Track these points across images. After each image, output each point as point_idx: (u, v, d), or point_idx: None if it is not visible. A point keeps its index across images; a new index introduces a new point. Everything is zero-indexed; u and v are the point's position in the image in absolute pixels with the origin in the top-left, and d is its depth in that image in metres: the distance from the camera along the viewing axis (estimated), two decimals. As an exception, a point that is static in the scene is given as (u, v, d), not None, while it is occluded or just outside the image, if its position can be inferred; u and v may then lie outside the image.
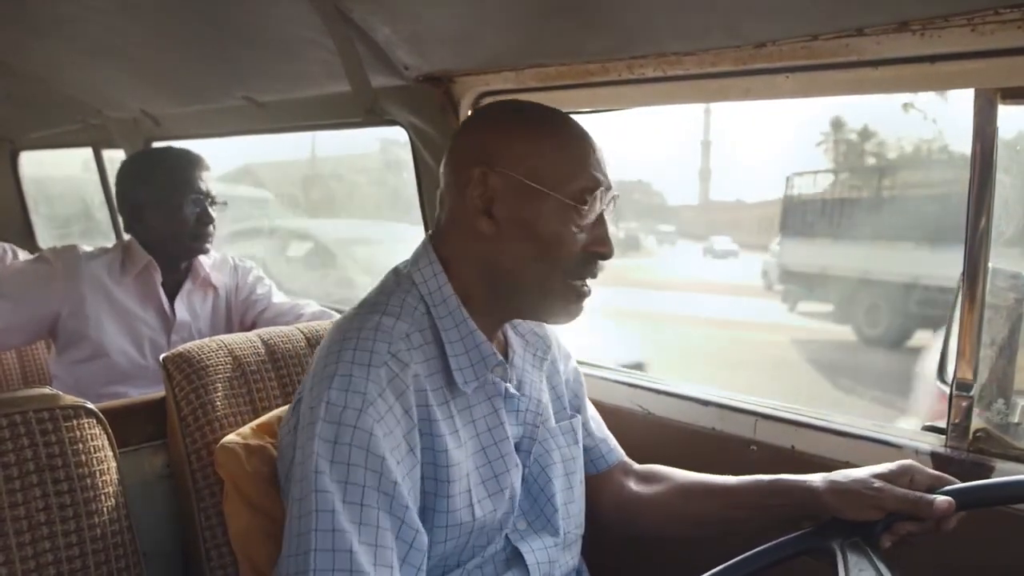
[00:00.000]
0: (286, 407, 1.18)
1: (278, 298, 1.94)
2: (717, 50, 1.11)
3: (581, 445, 1.12)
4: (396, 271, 1.01)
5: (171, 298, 1.81)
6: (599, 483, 1.17)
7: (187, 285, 1.83)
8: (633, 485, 1.18)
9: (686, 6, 1.04)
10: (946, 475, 0.90)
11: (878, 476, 0.90)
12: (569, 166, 0.94)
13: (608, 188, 0.96)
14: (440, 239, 0.99)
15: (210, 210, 1.77)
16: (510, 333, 1.08)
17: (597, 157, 0.97)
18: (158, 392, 1.21)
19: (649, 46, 1.17)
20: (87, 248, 1.80)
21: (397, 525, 0.82)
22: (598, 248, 0.96)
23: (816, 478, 0.95)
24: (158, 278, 1.78)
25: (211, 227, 1.79)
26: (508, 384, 1.01)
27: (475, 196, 0.93)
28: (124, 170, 1.83)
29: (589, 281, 0.98)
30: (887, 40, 0.97)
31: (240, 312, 1.91)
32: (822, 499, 0.91)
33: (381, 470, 0.81)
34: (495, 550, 0.97)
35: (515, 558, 0.99)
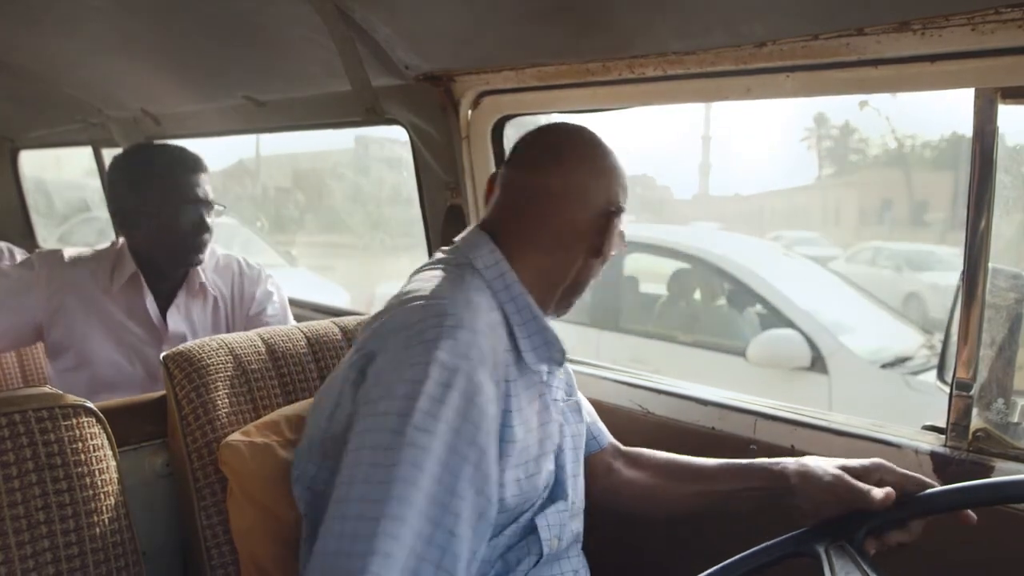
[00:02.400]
0: (291, 406, 1.19)
1: (276, 302, 1.80)
2: (717, 49, 1.11)
3: (585, 424, 1.17)
4: (450, 256, 1.04)
5: (164, 307, 1.67)
6: (591, 464, 1.20)
7: (181, 295, 1.68)
8: (622, 467, 1.22)
9: (686, 6, 1.04)
10: (918, 476, 0.92)
11: (844, 468, 0.96)
12: (618, 189, 1.07)
13: None
14: (507, 234, 1.04)
15: (207, 219, 1.61)
16: None
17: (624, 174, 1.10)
18: (158, 392, 1.21)
19: (649, 45, 1.17)
20: (75, 252, 1.66)
21: (475, 495, 0.83)
22: (610, 256, 1.09)
23: (790, 461, 1.02)
24: (145, 290, 1.64)
25: (207, 236, 1.63)
26: (559, 370, 1.08)
27: (611, 228, 1.04)
28: (115, 171, 1.64)
29: None
30: (887, 39, 0.97)
31: (241, 318, 1.77)
32: (789, 481, 0.99)
33: (475, 439, 0.83)
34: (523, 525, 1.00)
35: (530, 529, 1.01)
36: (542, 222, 1.03)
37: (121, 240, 1.67)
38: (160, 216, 1.57)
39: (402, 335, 0.88)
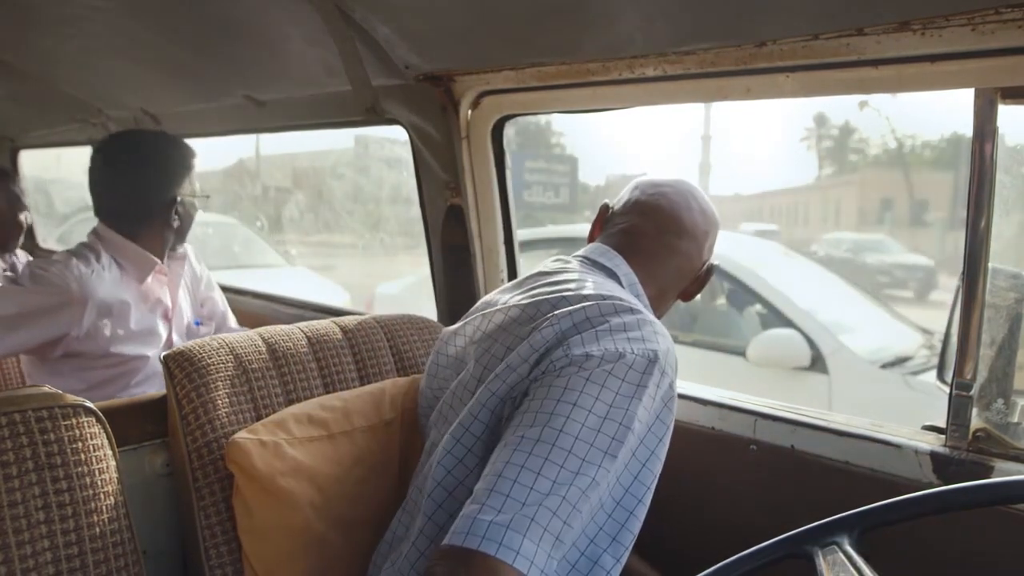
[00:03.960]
0: (298, 405, 1.19)
1: (217, 295, 1.97)
2: (717, 49, 1.11)
3: None
4: (590, 265, 1.13)
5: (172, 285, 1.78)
6: None
7: (176, 273, 1.78)
8: None
9: (687, 6, 1.04)
10: None
11: None
12: None
13: None
14: (634, 259, 1.14)
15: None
16: None
17: None
18: (158, 391, 1.21)
19: (649, 45, 1.17)
20: (87, 260, 1.60)
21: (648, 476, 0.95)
22: None
23: None
24: (160, 275, 1.71)
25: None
26: None
27: (697, 286, 1.21)
28: (136, 167, 1.64)
29: None
30: (888, 39, 0.97)
31: (200, 297, 1.92)
32: None
33: (661, 436, 0.94)
34: None
35: None
36: (667, 261, 1.16)
37: (97, 231, 1.66)
38: (179, 206, 1.68)
39: (616, 321, 0.96)
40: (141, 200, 1.66)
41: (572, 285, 1.05)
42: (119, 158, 1.67)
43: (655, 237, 1.16)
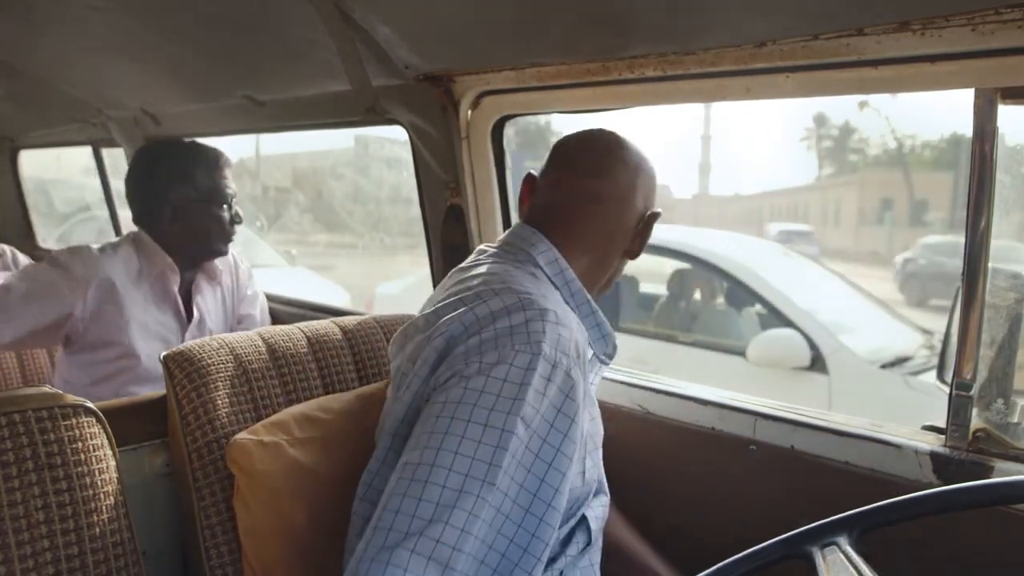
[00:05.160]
0: (299, 405, 1.19)
1: (260, 304, 1.96)
2: (717, 49, 1.11)
3: None
4: (508, 252, 1.07)
5: (186, 297, 1.77)
6: None
7: (203, 284, 1.80)
8: None
9: (686, 6, 1.04)
10: None
11: None
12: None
13: None
14: (557, 233, 1.08)
15: (236, 210, 1.77)
16: None
17: None
18: (158, 391, 1.22)
19: (649, 45, 1.17)
20: (98, 247, 1.70)
21: (560, 481, 0.86)
22: None
23: None
24: (175, 281, 1.73)
25: (235, 226, 1.78)
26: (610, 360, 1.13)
27: (640, 240, 1.12)
28: (158, 165, 1.73)
29: None
30: (887, 39, 0.97)
31: (234, 310, 1.91)
32: None
33: (566, 432, 0.86)
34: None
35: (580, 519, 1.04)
36: (592, 224, 1.09)
37: (132, 233, 1.74)
38: (210, 205, 1.70)
39: (503, 323, 0.90)
40: (141, 205, 1.74)
41: (475, 282, 1.00)
42: (130, 168, 1.80)
43: (573, 205, 1.09)
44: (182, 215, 1.70)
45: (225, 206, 1.74)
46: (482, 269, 1.03)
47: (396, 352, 1.06)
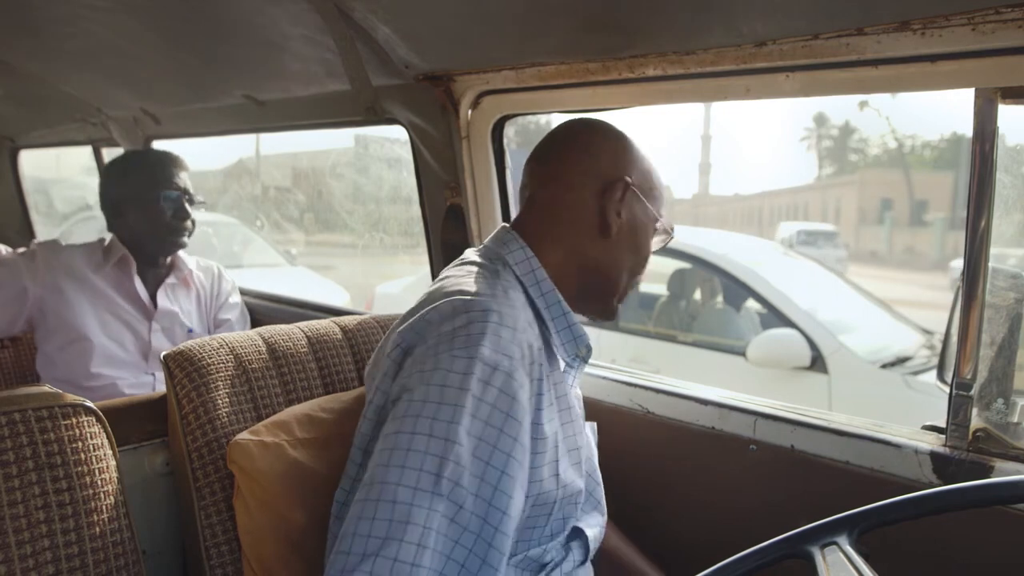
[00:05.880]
0: (300, 405, 1.19)
1: (237, 317, 2.10)
2: (717, 49, 1.11)
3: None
4: (482, 255, 1.06)
5: (153, 290, 1.93)
6: None
7: (170, 279, 1.96)
8: None
9: (686, 6, 1.04)
10: None
11: None
12: (659, 188, 1.10)
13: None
14: (529, 229, 1.07)
15: (187, 207, 1.89)
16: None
17: None
18: (155, 390, 1.21)
19: (649, 45, 1.17)
20: (70, 242, 1.92)
21: (512, 487, 0.85)
22: (647, 263, 1.11)
23: None
24: (133, 268, 1.89)
25: (188, 222, 1.90)
26: (584, 363, 1.08)
27: (615, 202, 1.04)
28: (106, 171, 1.96)
29: None
30: (888, 39, 0.97)
31: (213, 314, 2.07)
32: None
33: (517, 436, 0.85)
34: (565, 529, 1.01)
35: (576, 535, 1.03)
36: (551, 210, 1.06)
37: (110, 235, 1.94)
38: (146, 202, 1.86)
39: (446, 328, 0.89)
40: (101, 210, 1.97)
41: (435, 287, 0.99)
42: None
43: (536, 197, 1.08)
44: (126, 216, 1.89)
45: (165, 205, 1.86)
46: (450, 272, 1.02)
47: (370, 366, 1.05)
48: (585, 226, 1.05)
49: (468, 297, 0.92)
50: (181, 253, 2.01)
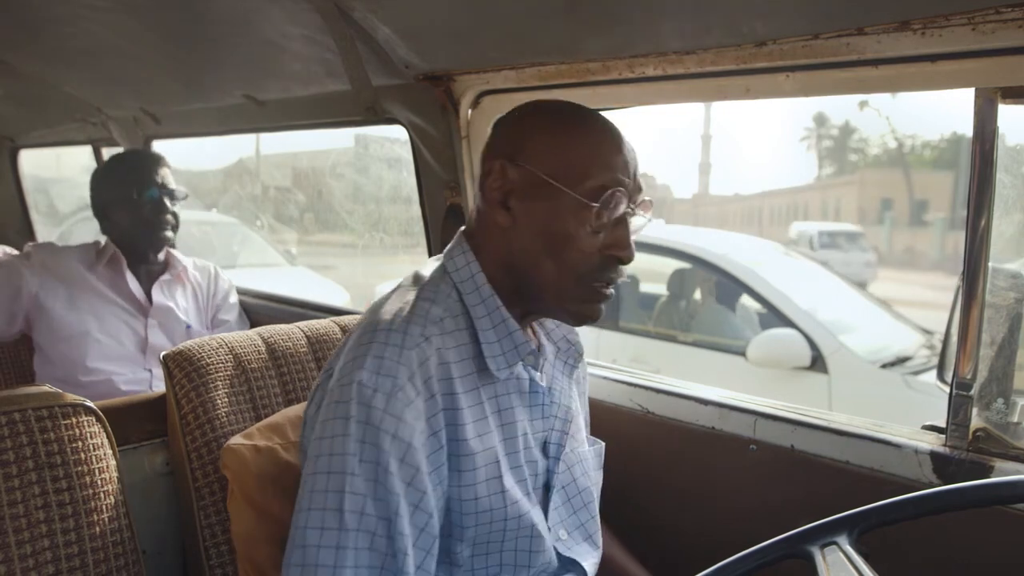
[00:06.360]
0: (294, 407, 1.19)
1: (236, 319, 2.15)
2: (717, 49, 1.11)
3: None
4: (435, 259, 1.03)
5: (149, 287, 1.98)
6: None
7: (166, 276, 2.01)
8: None
9: (686, 6, 1.04)
10: None
11: None
12: (588, 164, 0.93)
13: (633, 190, 0.95)
14: (471, 229, 1.01)
15: (166, 203, 1.94)
16: (543, 338, 1.08)
17: (624, 158, 0.95)
18: (151, 386, 1.21)
19: (649, 45, 1.17)
20: (65, 243, 2.02)
21: (411, 511, 0.83)
22: (616, 251, 0.94)
23: None
24: (124, 266, 1.95)
25: (167, 216, 1.95)
26: (538, 373, 1.00)
27: (494, 187, 0.95)
28: (92, 177, 2.03)
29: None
30: (888, 39, 0.97)
31: (211, 312, 2.12)
32: None
33: (404, 456, 0.83)
34: (547, 560, 0.97)
35: (570, 566, 0.99)
36: (492, 240, 0.97)
37: (104, 238, 2.01)
38: (127, 201, 1.92)
39: (346, 356, 0.89)
40: (93, 212, 2.03)
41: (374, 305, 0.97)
42: None
43: (475, 212, 1.01)
44: (112, 217, 1.96)
45: (145, 203, 1.92)
46: (395, 286, 1.00)
47: None
48: (491, 220, 0.97)
49: (367, 320, 0.91)
50: (176, 252, 2.06)
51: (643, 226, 0.99)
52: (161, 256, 2.02)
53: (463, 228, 1.03)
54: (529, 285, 0.96)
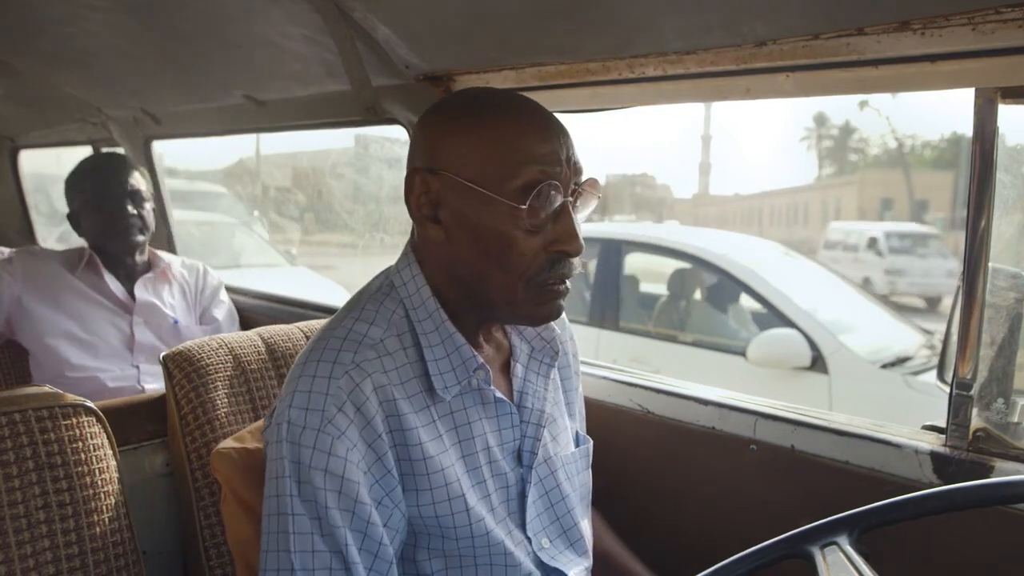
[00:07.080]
0: None
1: (225, 315, 2.16)
2: (718, 49, 1.11)
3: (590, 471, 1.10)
4: (384, 274, 0.99)
5: (132, 286, 2.01)
6: None
7: (149, 274, 2.04)
8: None
9: (686, 6, 1.04)
10: None
11: None
12: (509, 161, 0.86)
13: (567, 177, 0.88)
14: (415, 242, 0.96)
15: (127, 207, 1.95)
16: (514, 338, 1.03)
17: (551, 145, 0.87)
18: (139, 382, 1.21)
19: (650, 45, 1.17)
20: (49, 248, 2.08)
21: (360, 539, 0.84)
22: (560, 247, 0.88)
23: None
24: (102, 270, 1.97)
25: (133, 219, 1.96)
26: (494, 389, 0.95)
27: (420, 203, 0.90)
28: (66, 183, 2.04)
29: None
30: (888, 39, 0.97)
31: (200, 309, 2.14)
32: None
33: (340, 489, 0.82)
34: (525, 572, 0.94)
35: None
36: (433, 255, 0.93)
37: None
38: (94, 209, 1.94)
39: (291, 370, 0.90)
40: (68, 220, 2.06)
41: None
42: None
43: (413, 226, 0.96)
44: (83, 224, 1.99)
45: (111, 208, 1.94)
46: (347, 302, 0.99)
47: None
48: (425, 234, 0.91)
49: (305, 347, 0.91)
50: (161, 252, 2.11)
51: (590, 208, 0.94)
52: (141, 257, 2.04)
53: (409, 239, 0.98)
54: (478, 295, 0.91)
